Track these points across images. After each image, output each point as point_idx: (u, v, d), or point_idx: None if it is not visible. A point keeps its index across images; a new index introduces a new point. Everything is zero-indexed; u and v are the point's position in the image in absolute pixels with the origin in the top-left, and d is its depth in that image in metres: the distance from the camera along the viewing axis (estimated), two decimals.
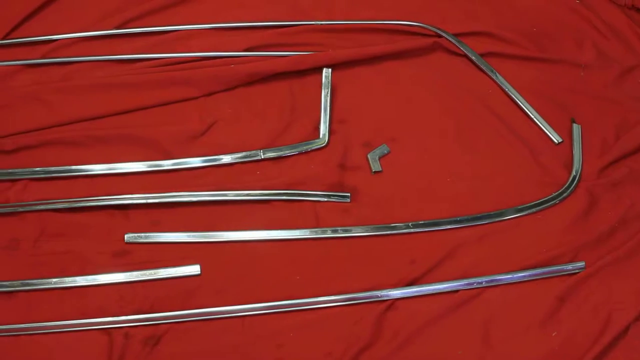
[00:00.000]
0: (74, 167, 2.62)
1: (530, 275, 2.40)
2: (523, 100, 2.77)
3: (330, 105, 2.69)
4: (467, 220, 2.49)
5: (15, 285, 2.38)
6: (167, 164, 2.64)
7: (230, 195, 2.54)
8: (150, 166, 2.63)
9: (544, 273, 2.40)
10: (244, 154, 2.63)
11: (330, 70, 2.72)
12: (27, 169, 2.62)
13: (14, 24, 2.96)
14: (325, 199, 2.53)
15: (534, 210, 2.53)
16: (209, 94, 2.78)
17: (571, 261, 2.44)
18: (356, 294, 2.34)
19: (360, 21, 2.94)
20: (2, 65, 2.84)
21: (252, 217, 2.52)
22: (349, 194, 2.54)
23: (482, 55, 2.87)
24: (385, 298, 2.34)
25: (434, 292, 2.36)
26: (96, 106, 2.74)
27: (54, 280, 2.39)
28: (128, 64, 2.84)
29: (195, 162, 2.64)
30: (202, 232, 2.48)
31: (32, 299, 2.37)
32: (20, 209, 2.52)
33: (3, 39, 2.94)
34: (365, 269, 2.42)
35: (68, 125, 2.72)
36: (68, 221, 2.51)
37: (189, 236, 2.47)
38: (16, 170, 2.62)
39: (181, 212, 2.54)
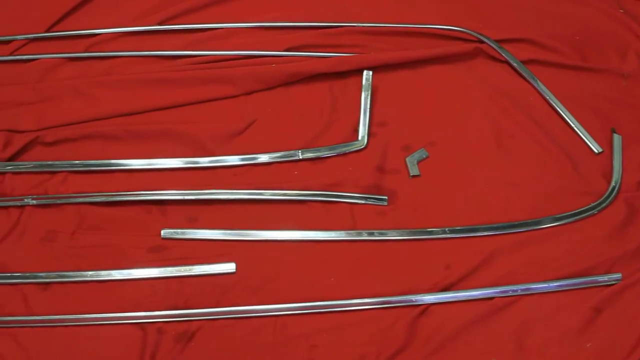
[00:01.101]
0: (112, 161, 2.64)
1: (566, 285, 2.38)
2: (564, 109, 2.75)
3: (370, 108, 2.69)
4: (504, 228, 2.48)
5: (52, 277, 2.40)
6: (204, 161, 2.65)
7: (267, 194, 2.54)
8: (188, 163, 2.64)
9: (580, 283, 2.38)
10: (282, 153, 2.63)
11: (371, 72, 2.72)
12: (66, 162, 2.64)
13: (58, 17, 2.98)
14: (362, 202, 2.53)
15: (571, 219, 2.51)
16: (249, 93, 2.79)
17: (608, 272, 2.41)
18: (391, 298, 2.33)
19: (402, 24, 2.93)
20: (45, 57, 2.87)
21: (289, 217, 2.52)
22: (386, 197, 2.53)
23: (523, 62, 2.86)
24: (419, 302, 2.33)
25: (469, 298, 2.35)
26: (137, 101, 2.76)
27: (90, 273, 2.40)
28: (170, 60, 2.86)
29: (233, 160, 2.64)
30: (238, 230, 2.48)
31: (68, 291, 2.39)
32: (59, 201, 2.54)
33: (47, 31, 2.96)
34: (400, 273, 2.41)
35: (108, 120, 2.74)
36: (105, 215, 2.53)
37: (224, 234, 2.48)
38: (56, 162, 2.64)
39: (218, 210, 2.54)
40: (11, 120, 2.71)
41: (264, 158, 2.64)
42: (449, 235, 2.46)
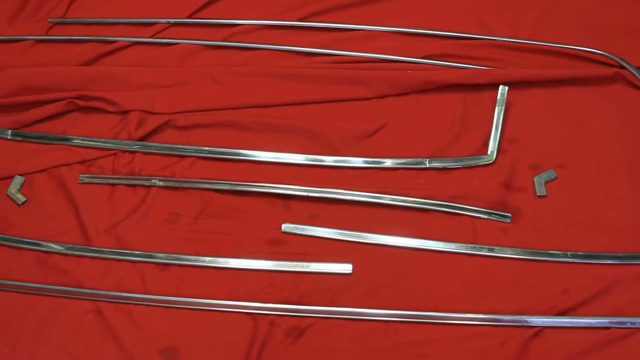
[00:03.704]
0: (240, 150, 2.67)
1: None
2: None
3: (502, 123, 2.66)
4: (628, 258, 2.42)
5: (170, 259, 2.44)
6: (329, 160, 2.66)
7: (386, 199, 2.53)
8: (313, 160, 2.66)
9: None
10: (408, 160, 2.62)
11: (507, 88, 2.69)
12: (194, 147, 2.68)
13: (201, 5, 3.03)
14: (485, 216, 2.50)
15: None
16: (382, 97, 2.79)
17: None
18: (505, 316, 2.30)
19: (542, 42, 2.89)
20: (184, 43, 2.92)
21: (409, 224, 2.51)
22: (510, 215, 2.50)
23: None
24: (534, 324, 2.29)
25: (585, 325, 2.29)
26: (270, 94, 2.79)
27: (208, 259, 2.43)
28: (306, 57, 2.88)
29: (357, 162, 2.65)
30: (358, 232, 2.48)
31: (185, 274, 2.43)
32: (185, 185, 2.58)
33: (188, 17, 3.01)
34: (517, 292, 2.38)
35: (240, 110, 2.78)
36: (229, 203, 2.56)
37: (344, 235, 2.48)
38: (185, 146, 2.69)
39: (339, 210, 2.55)
40: (146, 101, 2.77)
41: (389, 163, 2.64)
42: (570, 260, 2.42)
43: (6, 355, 2.27)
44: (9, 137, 2.76)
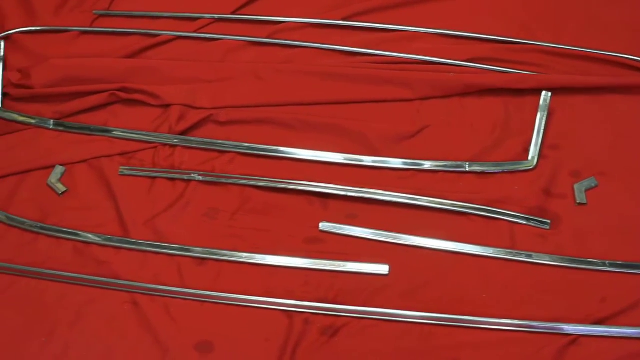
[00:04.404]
0: (280, 148, 2.68)
1: None
2: None
3: (544, 129, 2.64)
4: None
5: (208, 253, 2.45)
6: (368, 161, 2.66)
7: (424, 201, 2.53)
8: (352, 160, 2.65)
9: None
10: (448, 163, 2.62)
11: (549, 93, 2.67)
12: (235, 143, 2.69)
13: (245, 1, 3.05)
14: (524, 222, 2.49)
15: None
16: (424, 99, 2.79)
17: None
18: (541, 323, 2.28)
19: (586, 49, 2.87)
20: (228, 38, 2.93)
21: (448, 227, 2.50)
22: (549, 221, 2.49)
23: None
24: (570, 332, 2.27)
25: (622, 335, 2.28)
26: (312, 92, 2.79)
27: (245, 254, 2.44)
28: (349, 57, 2.88)
29: (396, 163, 2.65)
30: (396, 233, 2.47)
31: (222, 269, 2.44)
32: (224, 180, 2.59)
33: (232, 13, 3.02)
34: (553, 299, 2.36)
35: (281, 107, 2.79)
36: (267, 200, 2.57)
37: (381, 235, 2.47)
38: (225, 142, 2.70)
39: (377, 210, 2.54)
40: (188, 96, 2.78)
41: (428, 165, 2.63)
42: (608, 269, 2.40)
43: (42, 343, 2.29)
44: (51, 127, 2.77)
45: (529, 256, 2.41)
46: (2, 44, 2.92)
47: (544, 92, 2.68)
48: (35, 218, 2.55)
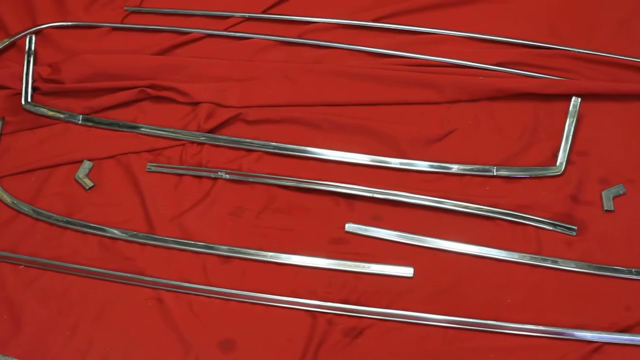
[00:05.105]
0: (307, 148, 2.68)
1: None
2: None
3: (572, 135, 2.63)
4: None
5: (233, 252, 2.45)
6: (394, 162, 2.66)
7: (451, 204, 2.52)
8: (379, 161, 2.65)
9: None
10: (476, 167, 2.61)
11: (579, 99, 2.65)
12: (262, 142, 2.70)
13: (276, 0, 3.04)
14: (551, 228, 2.48)
15: None
16: (452, 102, 2.78)
17: None
18: (566, 330, 2.28)
19: (616, 55, 2.85)
20: (258, 38, 2.93)
21: (473, 231, 2.49)
22: (575, 227, 2.47)
23: None
24: (594, 339, 2.27)
25: None
26: (340, 93, 2.79)
27: (270, 254, 2.45)
28: (379, 58, 2.88)
29: (423, 165, 2.64)
30: (421, 236, 2.47)
31: (246, 268, 2.44)
32: (251, 179, 2.60)
33: (263, 12, 3.02)
34: (577, 306, 2.35)
35: (310, 107, 2.79)
36: (294, 200, 2.57)
37: (406, 238, 2.47)
38: (253, 141, 2.70)
39: (403, 213, 2.54)
40: (217, 94, 2.79)
41: (455, 169, 2.62)
42: (634, 277, 2.38)
43: (66, 337, 2.30)
44: (79, 122, 2.79)
45: (555, 262, 2.40)
46: (34, 38, 2.94)
47: (573, 98, 2.67)
48: (62, 212, 2.56)
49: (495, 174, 2.59)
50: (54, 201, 2.61)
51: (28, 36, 2.94)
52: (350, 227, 2.49)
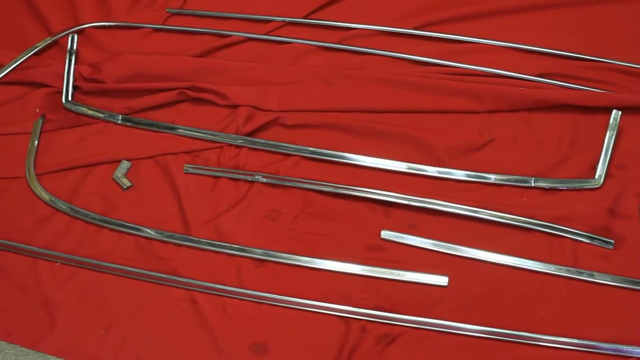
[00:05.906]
0: (344, 154, 2.69)
1: None
2: None
3: (612, 148, 2.61)
4: None
5: (268, 255, 2.45)
6: (432, 171, 2.65)
7: (487, 214, 2.51)
8: (416, 169, 2.65)
9: None
10: (514, 177, 2.60)
11: (620, 112, 2.64)
12: (299, 146, 2.70)
13: (317, 5, 3.06)
14: (588, 241, 2.46)
15: None
16: (492, 112, 2.77)
17: None
18: (602, 344, 2.25)
19: None
20: (299, 42, 2.94)
21: (510, 241, 2.48)
22: (612, 241, 2.45)
23: None
24: (629, 354, 2.24)
25: None
26: (379, 100, 2.80)
27: (305, 259, 2.44)
28: (419, 66, 2.88)
29: (460, 175, 2.64)
30: (457, 245, 2.46)
31: (280, 272, 2.44)
32: (287, 183, 2.60)
33: (304, 17, 3.03)
34: (612, 320, 2.33)
35: (348, 113, 2.79)
36: (330, 205, 2.57)
37: (442, 247, 2.46)
38: (290, 145, 2.71)
39: (439, 221, 2.53)
40: (257, 98, 2.80)
41: (493, 179, 2.61)
42: None
43: (100, 335, 2.30)
44: (119, 122, 2.81)
45: (591, 275, 2.38)
46: (76, 37, 2.96)
47: (614, 111, 2.65)
48: (99, 211, 2.58)
49: (533, 185, 2.58)
50: (92, 200, 2.62)
51: (70, 35, 2.96)
52: (386, 234, 2.48)
